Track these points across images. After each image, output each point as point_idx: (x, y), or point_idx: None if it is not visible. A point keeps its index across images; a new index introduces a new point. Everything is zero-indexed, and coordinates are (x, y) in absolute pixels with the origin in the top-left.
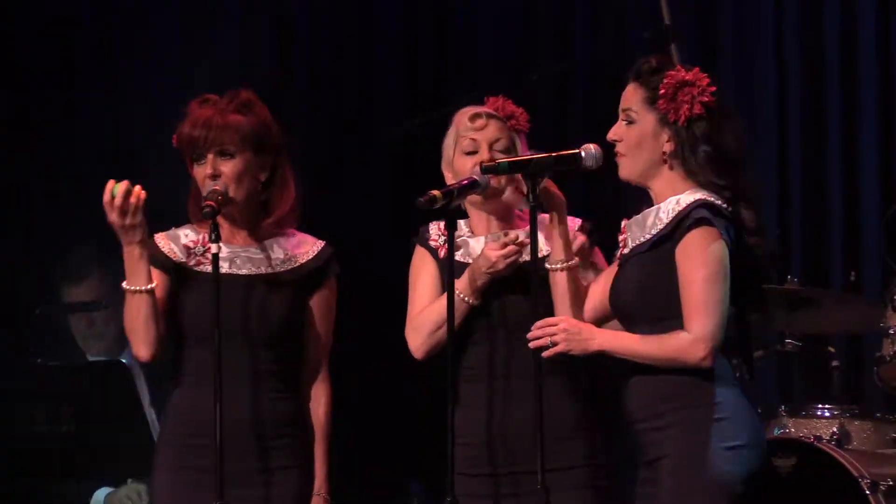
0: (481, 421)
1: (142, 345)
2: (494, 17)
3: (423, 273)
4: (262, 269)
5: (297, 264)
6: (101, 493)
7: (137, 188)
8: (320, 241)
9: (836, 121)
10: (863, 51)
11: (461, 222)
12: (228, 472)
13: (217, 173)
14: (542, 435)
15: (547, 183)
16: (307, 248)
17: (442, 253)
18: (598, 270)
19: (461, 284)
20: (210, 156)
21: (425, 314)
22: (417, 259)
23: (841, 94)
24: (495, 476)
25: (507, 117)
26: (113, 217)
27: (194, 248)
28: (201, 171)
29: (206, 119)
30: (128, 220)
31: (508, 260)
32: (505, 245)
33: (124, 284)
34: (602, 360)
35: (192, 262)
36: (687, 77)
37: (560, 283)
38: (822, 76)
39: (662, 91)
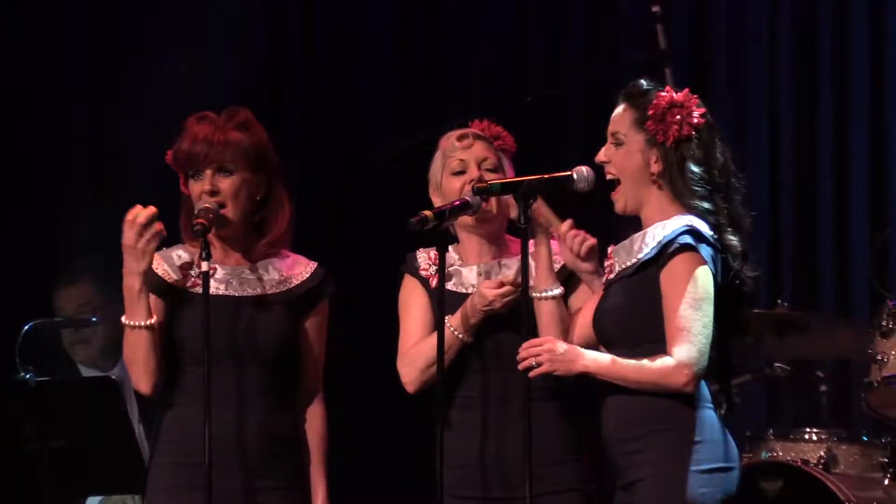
0: (475, 445)
1: (142, 378)
2: (488, 39)
3: (413, 304)
4: (257, 291)
5: (292, 285)
6: (93, 500)
7: (159, 224)
8: (313, 262)
9: (827, 145)
10: (855, 76)
11: (450, 248)
12: (221, 492)
13: (215, 189)
14: (529, 457)
15: (538, 206)
16: (301, 269)
17: (433, 283)
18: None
19: (455, 321)
20: (208, 172)
21: (419, 349)
22: (407, 289)
23: (832, 118)
24: (487, 500)
25: (494, 137)
26: (129, 235)
27: (186, 267)
28: (198, 187)
29: (206, 135)
30: (141, 243)
31: (506, 300)
32: (501, 284)
33: (123, 319)
34: (592, 385)
35: (188, 284)
36: (677, 98)
37: (545, 312)
38: (815, 101)
39: (651, 112)
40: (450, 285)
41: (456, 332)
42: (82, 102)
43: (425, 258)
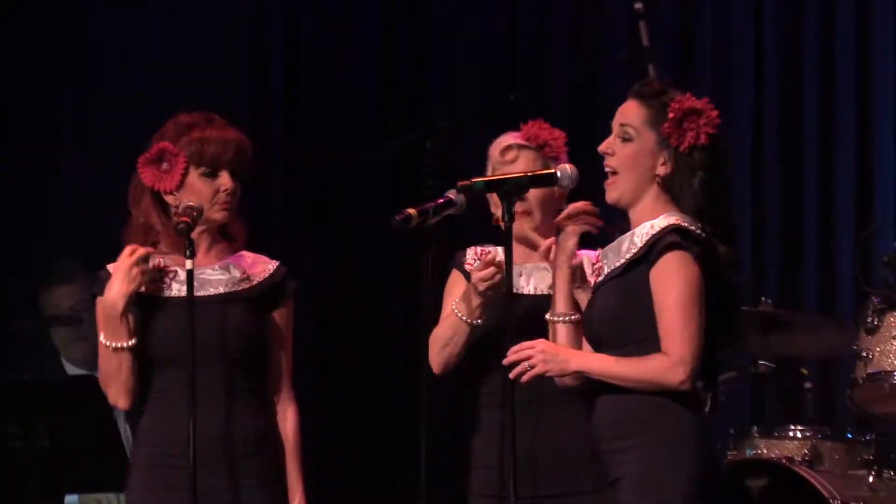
0: (501, 446)
1: (120, 395)
2: (472, 38)
3: (453, 295)
4: (220, 290)
5: (253, 283)
6: (72, 498)
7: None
8: (275, 261)
9: (812, 142)
10: (841, 75)
11: (499, 249)
12: (201, 491)
13: (236, 189)
14: (514, 459)
15: (580, 230)
16: (262, 267)
17: None
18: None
19: (459, 305)
20: (225, 172)
21: (435, 332)
22: (451, 282)
23: (817, 117)
24: (505, 499)
25: (541, 146)
26: (127, 260)
27: (151, 273)
28: (210, 186)
29: (230, 138)
30: (135, 270)
31: (488, 283)
32: (487, 265)
33: (102, 339)
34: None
35: (151, 289)
36: (697, 105)
37: (560, 334)
38: (799, 98)
39: (672, 115)
40: None
41: (461, 316)
42: (66, 95)
43: (472, 253)
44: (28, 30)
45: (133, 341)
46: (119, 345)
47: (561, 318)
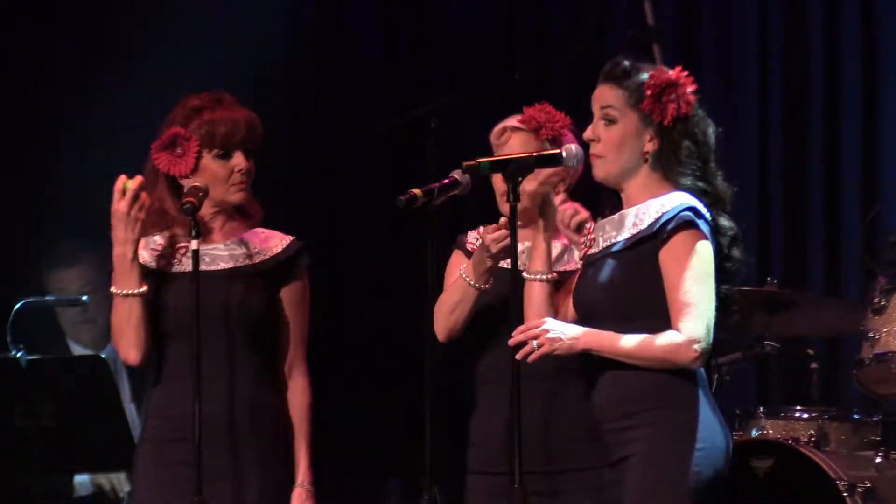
0: (498, 422)
1: (131, 348)
2: (475, 16)
3: (454, 272)
4: (232, 264)
5: (267, 257)
6: (82, 478)
7: (144, 194)
8: (289, 237)
9: (818, 120)
10: (846, 52)
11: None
12: (207, 466)
13: (251, 168)
14: (519, 435)
15: (543, 191)
16: (276, 242)
17: None
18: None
19: (467, 269)
20: (239, 152)
21: (441, 298)
22: (452, 262)
23: (823, 94)
24: (502, 474)
25: (537, 128)
26: (121, 204)
27: (161, 250)
28: (226, 166)
29: (239, 118)
30: (133, 211)
31: (500, 245)
32: (497, 228)
33: (113, 288)
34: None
35: (163, 265)
36: (672, 77)
37: (536, 293)
38: (805, 76)
39: (649, 91)
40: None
41: (468, 280)
42: (67, 81)
43: (475, 234)
44: (27, 23)
45: (144, 288)
46: (129, 291)
47: (536, 276)
